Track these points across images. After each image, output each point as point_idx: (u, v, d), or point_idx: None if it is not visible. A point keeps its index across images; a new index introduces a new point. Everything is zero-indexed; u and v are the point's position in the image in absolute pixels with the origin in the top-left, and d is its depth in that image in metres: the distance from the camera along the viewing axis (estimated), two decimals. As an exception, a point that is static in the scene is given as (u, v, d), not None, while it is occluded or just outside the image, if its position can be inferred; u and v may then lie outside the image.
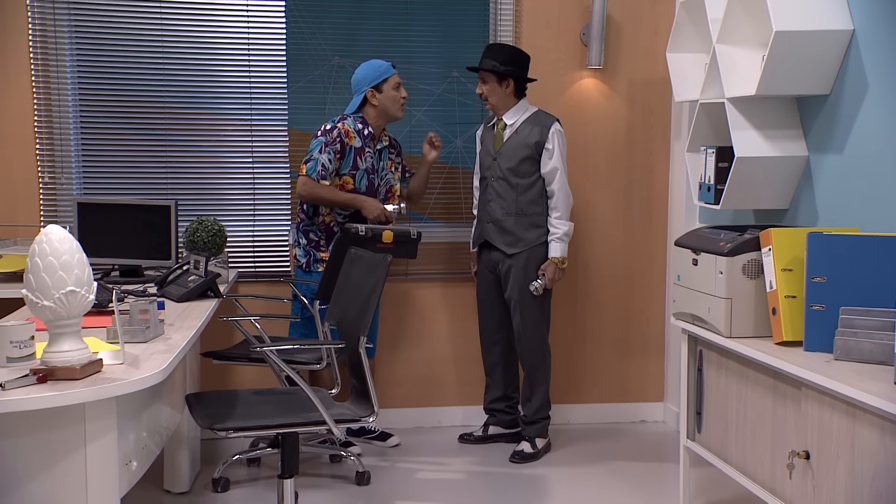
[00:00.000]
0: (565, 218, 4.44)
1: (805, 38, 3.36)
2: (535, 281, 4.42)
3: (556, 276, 4.44)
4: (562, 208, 4.42)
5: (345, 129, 4.34)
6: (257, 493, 4.08)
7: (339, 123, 4.36)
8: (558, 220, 4.43)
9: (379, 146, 4.48)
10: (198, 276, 3.85)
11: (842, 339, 2.93)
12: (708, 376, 3.59)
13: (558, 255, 4.42)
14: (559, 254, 4.42)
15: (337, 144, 4.31)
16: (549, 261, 4.42)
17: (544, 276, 4.42)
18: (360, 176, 4.39)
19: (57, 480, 2.44)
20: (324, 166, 4.28)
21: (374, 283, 3.29)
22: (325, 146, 4.30)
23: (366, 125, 4.41)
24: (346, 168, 4.36)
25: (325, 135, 4.32)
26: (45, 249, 2.39)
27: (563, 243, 4.44)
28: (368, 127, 4.41)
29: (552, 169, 4.39)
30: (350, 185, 4.39)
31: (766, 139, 3.66)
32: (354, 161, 4.37)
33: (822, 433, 2.82)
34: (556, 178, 4.40)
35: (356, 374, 3.36)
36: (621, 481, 4.26)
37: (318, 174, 4.29)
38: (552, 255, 4.42)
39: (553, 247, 4.43)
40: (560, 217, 4.43)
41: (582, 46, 4.88)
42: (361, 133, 4.39)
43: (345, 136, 4.33)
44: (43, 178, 4.62)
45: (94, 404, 2.43)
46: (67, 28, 4.57)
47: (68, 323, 2.44)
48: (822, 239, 3.04)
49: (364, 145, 4.39)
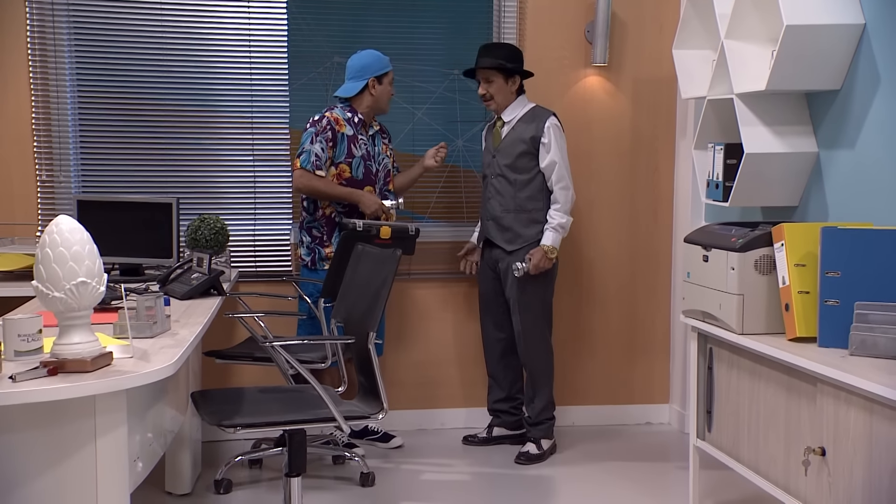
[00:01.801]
0: (563, 211, 4.38)
1: (816, 32, 3.35)
2: (520, 262, 4.36)
3: (542, 264, 4.35)
4: (561, 201, 4.37)
5: (334, 118, 4.33)
6: (260, 495, 4.03)
7: (327, 112, 4.35)
8: (556, 212, 4.37)
9: (371, 132, 4.46)
10: (201, 274, 3.79)
11: (857, 334, 2.90)
12: (718, 374, 3.56)
13: (549, 244, 4.34)
14: (550, 242, 4.35)
15: (328, 132, 4.30)
16: (539, 247, 4.36)
17: (530, 260, 4.36)
18: (357, 164, 4.36)
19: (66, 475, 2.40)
20: (317, 156, 4.27)
21: (383, 277, 3.25)
22: (316, 136, 4.29)
23: (355, 113, 4.39)
24: (342, 156, 4.34)
25: (314, 125, 4.32)
26: (56, 240, 2.35)
27: (557, 234, 4.36)
28: (357, 114, 4.39)
29: (550, 163, 4.35)
30: (347, 173, 4.35)
31: (776, 135, 3.64)
32: (349, 149, 4.34)
33: (839, 429, 2.79)
34: (554, 171, 4.35)
35: (364, 371, 3.32)
36: (629, 482, 4.23)
37: (313, 164, 4.27)
38: (543, 242, 4.35)
39: (546, 235, 4.36)
40: (559, 209, 4.37)
41: (586, 44, 4.86)
42: (351, 121, 4.37)
43: (334, 123, 4.32)
44: (41, 177, 4.57)
45: (105, 398, 2.39)
46: (66, 24, 4.52)
47: (79, 315, 2.40)
48: (836, 233, 3.02)
49: (356, 133, 4.37)
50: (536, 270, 4.36)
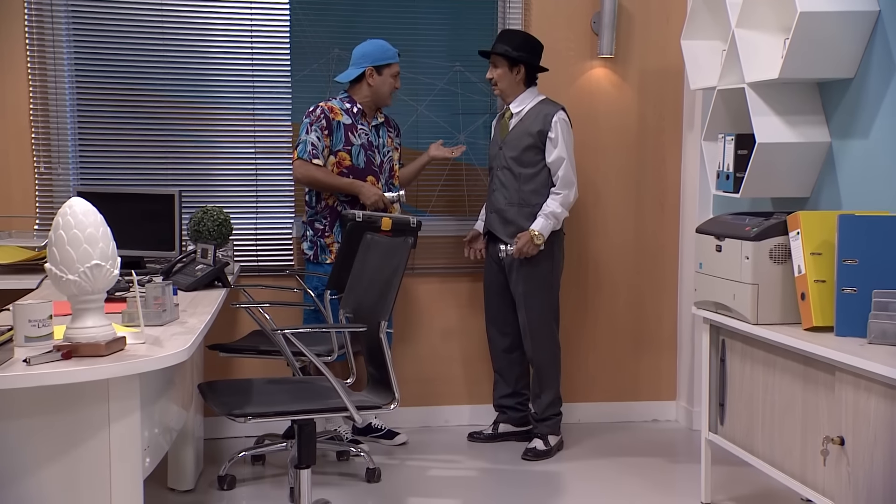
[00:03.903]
0: (559, 201, 4.30)
1: (830, 19, 3.33)
2: (506, 245, 4.32)
3: (526, 249, 4.28)
4: (562, 195, 4.31)
5: (328, 107, 4.33)
6: (263, 491, 3.97)
7: (322, 103, 4.36)
8: (552, 202, 4.30)
9: (374, 122, 4.42)
10: (205, 265, 3.73)
11: (876, 322, 2.87)
12: (731, 366, 3.53)
13: (537, 230, 4.27)
14: (538, 229, 4.27)
15: (322, 121, 4.29)
16: (526, 231, 4.30)
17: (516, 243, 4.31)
18: (357, 151, 4.33)
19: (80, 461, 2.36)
20: (313, 145, 4.26)
21: (394, 266, 3.20)
22: (311, 125, 4.29)
23: (353, 103, 4.37)
24: (339, 144, 4.31)
25: (309, 115, 4.33)
26: (70, 222, 2.30)
27: (548, 221, 4.29)
28: (356, 104, 4.37)
29: (557, 158, 4.31)
30: (347, 161, 4.32)
31: (788, 125, 3.62)
32: (346, 137, 4.32)
33: (858, 418, 2.76)
34: (560, 167, 4.31)
35: (374, 362, 3.26)
36: (638, 479, 4.18)
37: (309, 154, 4.26)
38: (532, 227, 4.28)
39: (537, 220, 4.29)
40: (556, 200, 4.30)
41: (593, 35, 4.82)
42: (350, 111, 4.35)
43: (328, 111, 4.31)
44: (38, 169, 4.49)
45: (119, 382, 2.35)
46: (65, 13, 4.44)
47: (92, 298, 2.36)
48: (853, 221, 2.99)
49: (355, 122, 4.35)
50: (520, 254, 4.30)
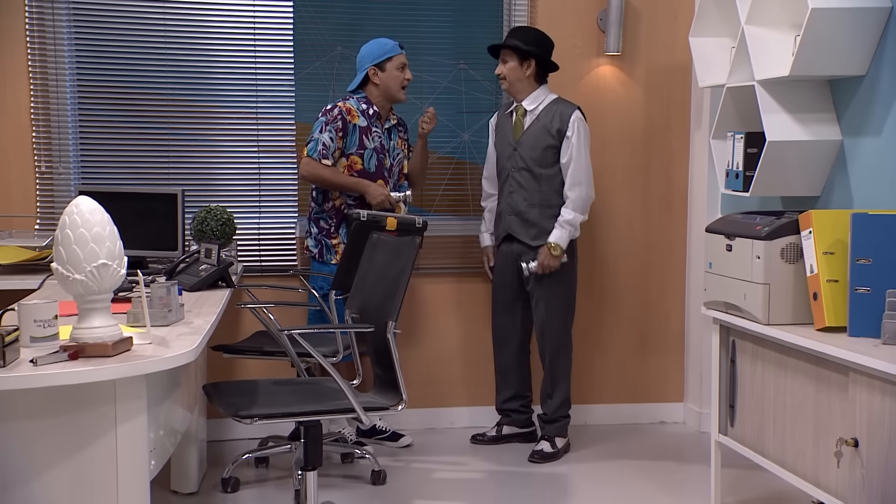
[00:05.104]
0: (575, 208, 4.28)
1: (841, 15, 3.28)
2: (528, 262, 4.29)
3: (548, 262, 4.27)
4: (573, 198, 4.27)
5: (346, 108, 4.26)
6: (267, 494, 3.94)
7: (341, 102, 4.29)
8: (567, 209, 4.28)
9: (387, 125, 4.38)
10: (209, 265, 3.70)
11: (890, 323, 2.84)
12: (742, 367, 3.49)
13: (553, 241, 4.26)
14: (555, 240, 4.25)
15: (338, 122, 4.22)
16: (544, 245, 4.27)
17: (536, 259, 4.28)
18: (369, 155, 4.28)
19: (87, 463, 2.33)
20: (324, 145, 4.20)
21: (402, 265, 3.17)
22: (326, 125, 4.22)
23: (370, 105, 4.32)
24: (353, 147, 4.26)
25: (326, 114, 4.26)
26: (76, 220, 2.27)
27: (564, 231, 4.26)
28: (373, 106, 4.32)
29: (571, 158, 4.28)
30: (359, 164, 4.27)
31: (799, 123, 3.57)
32: (361, 140, 4.26)
33: (873, 419, 2.72)
34: (574, 167, 4.27)
35: (381, 362, 3.24)
36: (646, 481, 4.14)
37: (319, 153, 4.20)
38: (549, 239, 4.26)
39: (553, 232, 4.27)
40: (571, 207, 4.27)
41: (599, 32, 4.79)
42: (366, 113, 4.30)
43: (346, 113, 4.24)
44: (39, 168, 4.46)
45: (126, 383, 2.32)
46: (66, 10, 4.41)
47: (99, 298, 2.33)
48: (867, 220, 2.95)
49: (370, 124, 4.30)
50: (543, 270, 4.28)
